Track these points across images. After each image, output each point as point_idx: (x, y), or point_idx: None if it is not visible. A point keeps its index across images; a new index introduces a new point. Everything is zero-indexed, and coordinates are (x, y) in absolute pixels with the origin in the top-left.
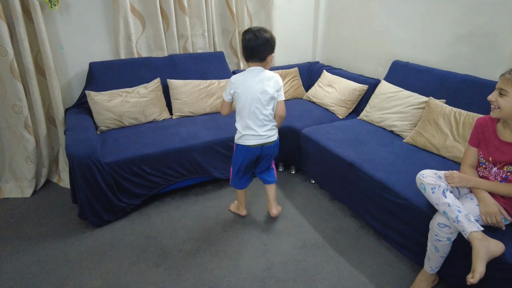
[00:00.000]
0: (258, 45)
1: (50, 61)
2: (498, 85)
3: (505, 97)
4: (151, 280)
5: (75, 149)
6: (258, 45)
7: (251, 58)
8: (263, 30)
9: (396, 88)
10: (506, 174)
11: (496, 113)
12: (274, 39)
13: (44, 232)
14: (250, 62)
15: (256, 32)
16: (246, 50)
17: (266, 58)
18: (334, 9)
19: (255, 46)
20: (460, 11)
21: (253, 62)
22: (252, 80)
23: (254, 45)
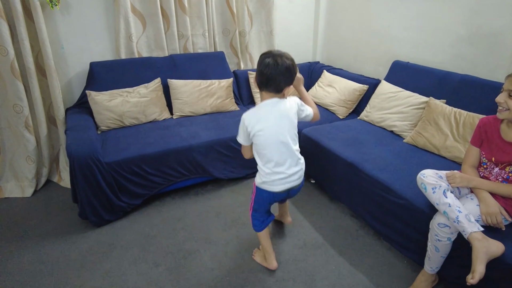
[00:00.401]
0: (277, 74)
1: (50, 61)
2: (506, 87)
3: None
4: (151, 280)
5: (76, 149)
6: (278, 73)
7: (265, 87)
8: (285, 57)
9: (396, 88)
10: (507, 175)
11: (505, 114)
12: (295, 68)
13: (45, 232)
14: (264, 91)
15: (277, 57)
16: (261, 76)
17: (282, 90)
18: (335, 9)
19: (273, 74)
20: (460, 12)
21: (267, 92)
22: (270, 116)
23: (273, 73)
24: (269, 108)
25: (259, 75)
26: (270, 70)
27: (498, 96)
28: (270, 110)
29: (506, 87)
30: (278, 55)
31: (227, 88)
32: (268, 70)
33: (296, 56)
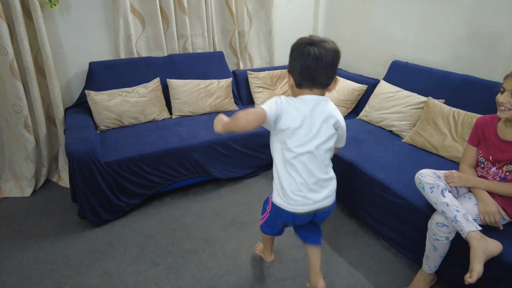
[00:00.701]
0: (325, 66)
1: (50, 60)
2: (509, 87)
3: None
4: (150, 279)
5: (75, 148)
6: (326, 65)
7: (309, 84)
8: (326, 41)
9: (395, 88)
10: (505, 174)
11: (508, 114)
12: (340, 53)
13: (44, 231)
14: (305, 88)
15: (322, 43)
16: (305, 70)
17: (329, 85)
18: (334, 9)
19: (320, 67)
20: (459, 12)
21: (310, 89)
22: (310, 116)
23: (320, 65)
24: (310, 106)
25: (302, 70)
26: (318, 63)
27: (501, 97)
28: (310, 109)
29: (509, 87)
30: (320, 41)
31: (226, 88)
32: (316, 63)
33: None
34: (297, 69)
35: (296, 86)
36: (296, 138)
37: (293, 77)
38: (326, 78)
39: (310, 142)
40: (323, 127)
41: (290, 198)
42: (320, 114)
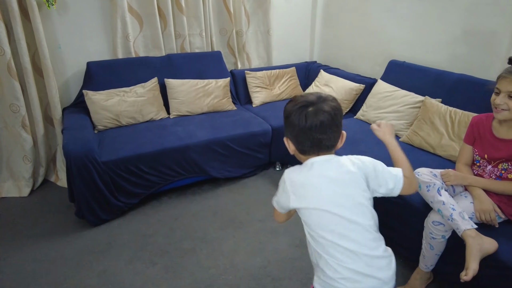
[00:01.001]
0: (329, 127)
1: (47, 60)
2: (504, 88)
3: None
4: (148, 278)
5: (72, 148)
6: (330, 126)
7: (315, 150)
8: (324, 99)
9: (392, 88)
10: (500, 172)
11: (505, 115)
12: (341, 109)
13: (41, 231)
14: (311, 155)
15: (319, 104)
16: (308, 138)
17: (336, 145)
18: (332, 8)
19: (325, 130)
20: (456, 11)
21: (317, 154)
22: (323, 181)
23: (324, 129)
24: (320, 169)
25: (303, 137)
26: (319, 126)
27: (497, 98)
28: (319, 173)
29: (504, 88)
30: (317, 100)
31: (224, 87)
32: (316, 126)
33: (293, 55)
34: (298, 136)
35: (300, 153)
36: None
37: (294, 145)
38: (333, 139)
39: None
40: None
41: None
42: (335, 171)
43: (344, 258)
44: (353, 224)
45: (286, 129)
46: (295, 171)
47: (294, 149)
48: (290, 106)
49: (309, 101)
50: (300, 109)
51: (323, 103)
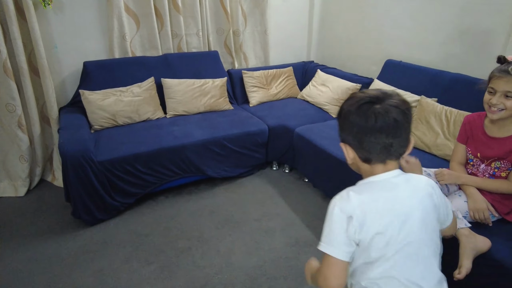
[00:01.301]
0: (400, 128)
1: (43, 60)
2: (500, 88)
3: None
4: (143, 278)
5: (68, 148)
6: (402, 127)
7: (382, 157)
8: (391, 95)
9: (388, 87)
10: (493, 171)
11: (501, 114)
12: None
13: (37, 231)
14: (377, 163)
15: (388, 100)
16: (375, 141)
17: (405, 153)
18: (329, 8)
19: (395, 132)
20: (451, 11)
21: (384, 164)
22: (396, 202)
23: (394, 130)
24: (390, 186)
25: (365, 141)
26: (394, 120)
27: (493, 99)
28: (390, 191)
29: (500, 88)
30: (385, 96)
31: (221, 87)
32: (386, 126)
33: (290, 55)
34: (362, 140)
35: (363, 161)
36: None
37: (355, 151)
38: (403, 145)
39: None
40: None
41: None
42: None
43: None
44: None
45: (343, 133)
46: (355, 195)
47: (354, 157)
48: (349, 104)
49: (374, 96)
50: (365, 106)
51: (391, 98)
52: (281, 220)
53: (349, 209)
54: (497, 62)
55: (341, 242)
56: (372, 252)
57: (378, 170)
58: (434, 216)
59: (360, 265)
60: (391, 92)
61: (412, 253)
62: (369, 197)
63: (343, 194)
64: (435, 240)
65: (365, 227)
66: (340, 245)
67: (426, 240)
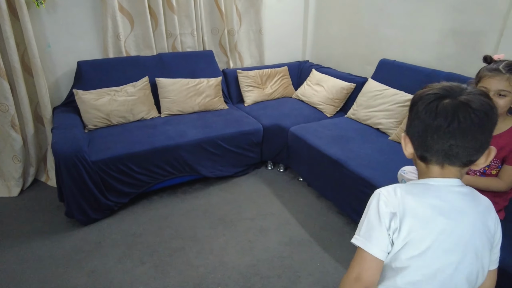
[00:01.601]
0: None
1: (37, 59)
2: (493, 87)
3: (506, 97)
4: (137, 277)
5: (61, 147)
6: (471, 130)
7: (439, 159)
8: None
9: (382, 86)
10: (484, 169)
11: None
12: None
13: (30, 231)
14: (433, 165)
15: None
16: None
17: (477, 159)
18: (323, 8)
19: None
20: (445, 11)
21: (441, 167)
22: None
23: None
24: (450, 198)
25: (427, 138)
26: (455, 124)
27: None
28: (451, 204)
29: (494, 87)
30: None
31: (216, 86)
32: (449, 124)
33: (285, 55)
34: (423, 136)
35: (419, 159)
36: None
37: (412, 144)
38: (472, 152)
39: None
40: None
41: None
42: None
43: None
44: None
45: (408, 123)
46: (403, 188)
47: (412, 152)
48: (422, 92)
49: (448, 89)
50: (432, 97)
51: (468, 95)
52: (275, 219)
53: (395, 205)
54: (483, 61)
55: (381, 239)
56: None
57: (435, 173)
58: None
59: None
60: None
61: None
62: (418, 198)
63: (389, 189)
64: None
65: (398, 226)
66: (379, 242)
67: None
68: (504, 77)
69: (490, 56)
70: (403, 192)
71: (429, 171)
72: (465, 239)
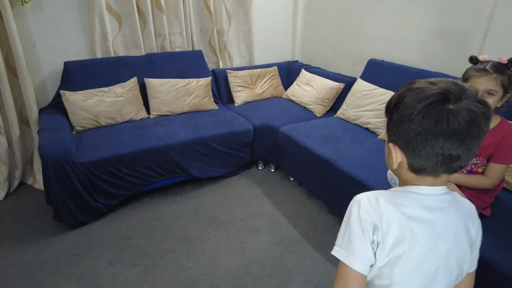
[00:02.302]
0: (475, 141)
1: (22, 60)
2: (482, 86)
3: (494, 96)
4: (128, 280)
5: (49, 149)
6: (477, 136)
7: (440, 170)
8: (468, 90)
9: (371, 86)
10: (470, 167)
11: None
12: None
13: (17, 235)
14: (428, 176)
15: (465, 99)
16: (437, 156)
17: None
18: (312, 8)
19: (469, 146)
20: (432, 11)
21: (435, 177)
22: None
23: (470, 140)
24: (438, 212)
25: (422, 148)
26: (464, 130)
27: None
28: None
29: (482, 86)
30: (461, 91)
31: (206, 87)
32: (461, 135)
33: (275, 55)
34: (418, 146)
35: (410, 170)
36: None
37: (405, 156)
38: (471, 158)
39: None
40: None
41: None
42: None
43: None
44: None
45: (392, 131)
46: (384, 197)
47: (401, 162)
48: (411, 96)
49: (448, 90)
50: (434, 102)
51: (470, 95)
52: (267, 219)
53: (377, 216)
54: (469, 62)
55: (364, 251)
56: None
57: (425, 182)
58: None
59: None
60: (469, 88)
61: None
62: (398, 207)
63: (371, 197)
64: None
65: (382, 237)
66: (363, 256)
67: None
68: (492, 77)
69: (476, 56)
70: (386, 202)
71: (420, 180)
72: (448, 249)
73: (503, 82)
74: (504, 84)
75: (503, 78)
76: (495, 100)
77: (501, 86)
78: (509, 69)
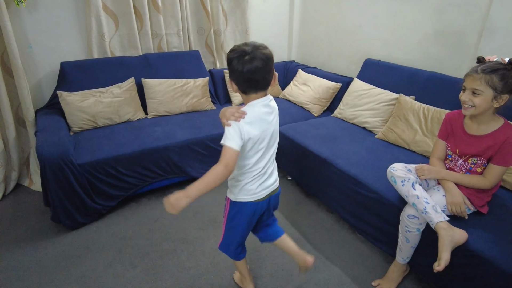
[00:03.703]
0: (263, 71)
1: (17, 60)
2: (469, 86)
3: (480, 96)
4: (128, 281)
5: (47, 151)
6: (264, 70)
7: (253, 90)
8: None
9: (368, 86)
10: (470, 166)
11: (471, 111)
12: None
13: (15, 238)
14: (251, 94)
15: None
16: (247, 78)
17: (270, 83)
18: (309, 8)
19: (261, 71)
20: (428, 11)
21: (256, 94)
22: (268, 117)
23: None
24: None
25: (243, 80)
26: (256, 70)
27: (463, 95)
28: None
29: (469, 86)
30: (253, 47)
31: (203, 87)
32: (256, 74)
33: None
34: (239, 79)
35: (242, 92)
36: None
37: (236, 86)
38: (267, 81)
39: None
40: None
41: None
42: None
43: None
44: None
45: (229, 73)
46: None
47: (236, 89)
48: (231, 54)
49: (245, 50)
50: (239, 56)
51: (256, 51)
52: None
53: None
54: (476, 62)
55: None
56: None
57: (252, 98)
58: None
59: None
60: (260, 46)
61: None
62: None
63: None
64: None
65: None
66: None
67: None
68: (477, 77)
69: (482, 57)
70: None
71: (248, 98)
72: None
73: (489, 82)
74: (491, 84)
75: (489, 78)
76: (482, 100)
77: (487, 86)
78: (508, 70)
